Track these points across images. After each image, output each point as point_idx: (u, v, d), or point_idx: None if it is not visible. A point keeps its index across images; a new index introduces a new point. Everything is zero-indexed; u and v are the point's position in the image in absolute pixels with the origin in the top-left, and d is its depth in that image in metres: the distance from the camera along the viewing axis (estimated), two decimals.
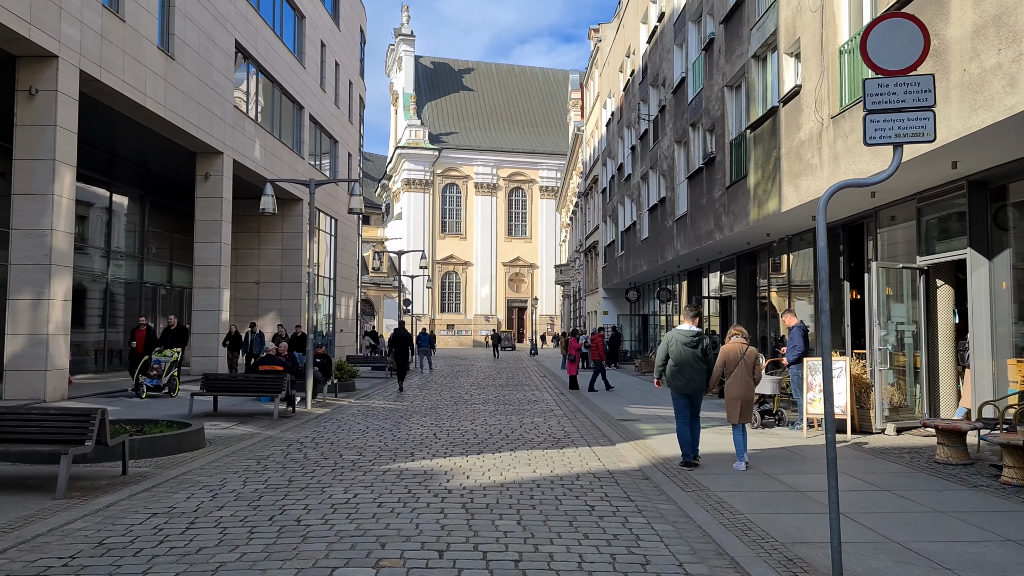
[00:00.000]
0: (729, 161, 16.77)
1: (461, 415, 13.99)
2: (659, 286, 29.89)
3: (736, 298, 20.61)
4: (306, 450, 9.73)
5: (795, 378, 11.75)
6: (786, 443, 10.38)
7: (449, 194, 78.68)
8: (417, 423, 12.70)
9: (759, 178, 14.64)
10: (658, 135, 24.19)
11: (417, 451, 9.70)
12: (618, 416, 13.90)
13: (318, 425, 12.35)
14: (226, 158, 23.56)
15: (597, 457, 9.39)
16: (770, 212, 14.07)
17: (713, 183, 17.85)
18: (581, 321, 46.04)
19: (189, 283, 23.84)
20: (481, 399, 17.40)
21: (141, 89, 18.33)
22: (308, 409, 14.82)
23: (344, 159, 38.46)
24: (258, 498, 6.90)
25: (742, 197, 15.70)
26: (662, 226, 23.39)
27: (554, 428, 12.23)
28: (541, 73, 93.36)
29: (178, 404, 14.39)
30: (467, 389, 20.46)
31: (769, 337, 18.57)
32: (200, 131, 21.70)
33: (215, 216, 23.37)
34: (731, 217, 16.43)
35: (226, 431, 11.51)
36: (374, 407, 15.49)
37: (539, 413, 14.49)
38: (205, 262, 23.34)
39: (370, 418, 13.43)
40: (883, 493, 7.27)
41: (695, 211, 19.49)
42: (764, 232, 16.11)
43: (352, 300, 40.80)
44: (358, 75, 42.37)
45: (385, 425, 12.38)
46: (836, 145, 11.30)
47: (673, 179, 22.09)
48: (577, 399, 17.42)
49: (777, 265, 17.94)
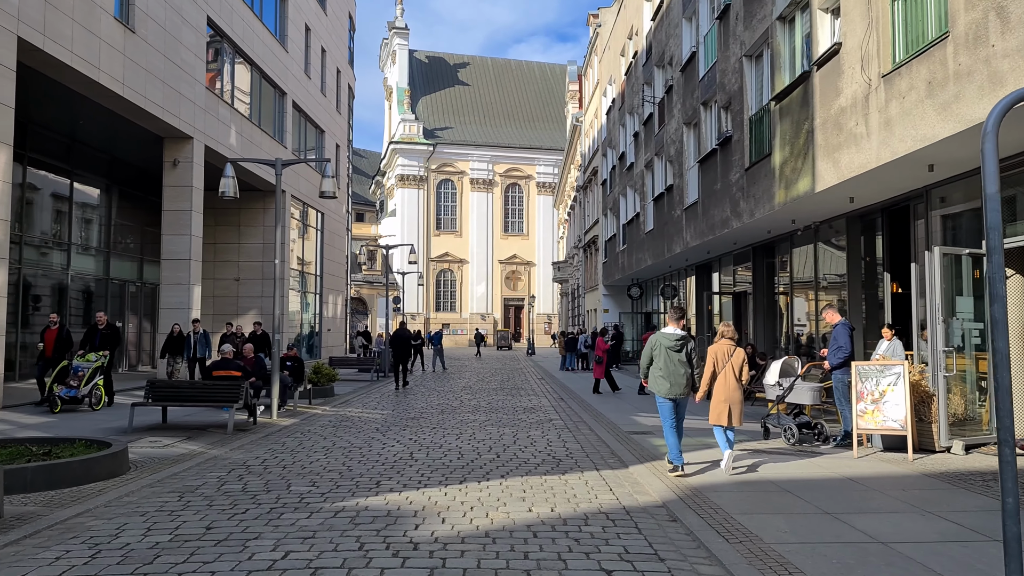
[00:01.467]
0: (748, 140, 14.97)
1: (446, 427, 12.17)
2: (663, 282, 28.10)
3: (752, 294, 18.81)
4: (248, 478, 7.89)
5: (840, 385, 9.95)
6: (837, 467, 8.57)
7: (444, 190, 76.78)
8: (393, 438, 10.87)
9: (786, 155, 12.84)
10: (664, 118, 22.38)
11: (385, 479, 7.87)
12: (627, 427, 12.08)
13: (276, 441, 10.52)
14: (196, 143, 21.71)
15: (608, 486, 7.57)
16: (800, 193, 12.26)
17: (729, 165, 16.05)
18: (580, 320, 44.20)
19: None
20: (471, 406, 15.58)
21: (94, 63, 16.46)
22: (273, 420, 12.99)
23: (331, 150, 36.58)
24: (151, 559, 5.06)
25: (764, 179, 13.90)
26: (669, 216, 21.59)
27: (554, 444, 10.42)
28: (538, 68, 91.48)
29: (116, 417, 12.53)
30: (457, 394, 18.64)
31: (791, 335, 16.76)
32: (166, 113, 19.85)
33: (184, 206, 21.54)
34: (751, 202, 14.63)
35: (164, 450, 9.68)
36: (349, 417, 13.66)
37: (536, 423, 12.68)
38: (173, 256, 21.50)
39: (341, 431, 11.60)
40: (994, 545, 5.45)
41: (707, 198, 17.68)
42: (789, 218, 14.30)
43: (341, 298, 38.95)
44: (347, 63, 40.50)
45: (355, 441, 10.55)
46: (889, 108, 9.49)
47: (682, 164, 20.29)
48: (579, 406, 15.61)
49: (801, 257, 16.14)
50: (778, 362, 10.59)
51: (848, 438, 9.80)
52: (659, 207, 23.05)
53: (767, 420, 10.67)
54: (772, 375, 10.49)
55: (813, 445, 9.97)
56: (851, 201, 12.16)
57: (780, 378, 10.42)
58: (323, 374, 17.82)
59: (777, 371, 10.45)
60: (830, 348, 10.13)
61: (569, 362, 29.72)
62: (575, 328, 40.25)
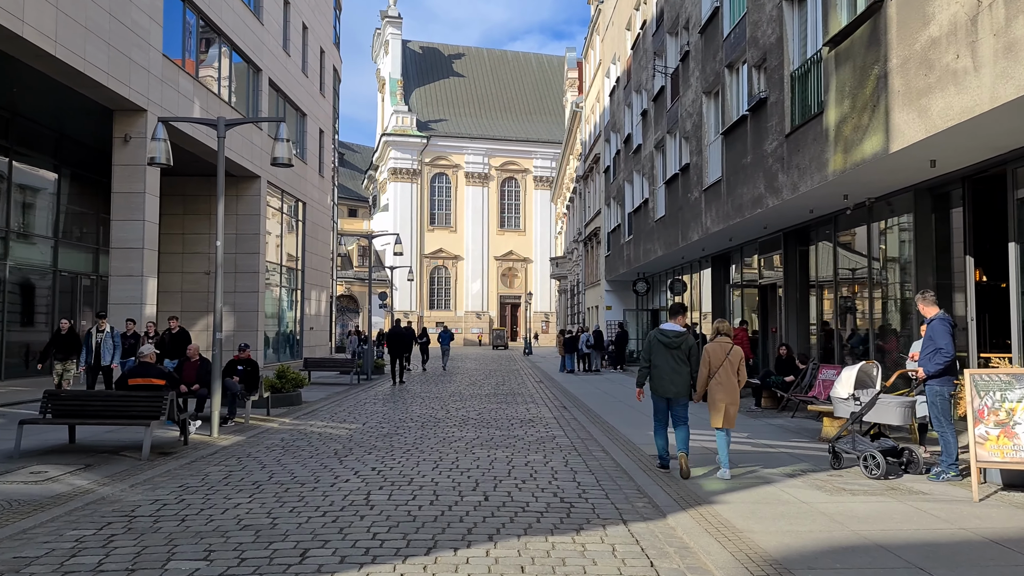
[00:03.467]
0: (790, 100, 12.54)
1: (424, 448, 9.71)
2: (673, 275, 25.67)
3: (783, 286, 16.38)
4: (119, 542, 5.42)
5: (938, 400, 7.51)
6: (961, 519, 6.12)
7: (438, 184, 74.24)
8: (352, 466, 8.40)
9: (845, 111, 10.40)
10: (678, 90, 19.93)
11: (317, 546, 5.39)
12: (650, 448, 9.64)
13: (199, 472, 8.05)
14: (151, 116, 19.17)
15: (645, 555, 5.14)
16: (866, 156, 9.82)
17: (763, 134, 13.62)
18: (580, 318, 41.75)
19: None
20: (459, 418, 13.12)
21: (17, 14, 13.95)
22: (212, 437, 10.53)
23: (314, 136, 34.07)
24: None
25: (812, 144, 11.46)
26: (684, 200, 19.15)
27: (560, 475, 7.97)
28: (535, 59, 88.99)
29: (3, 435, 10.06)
30: (444, 401, 16.18)
31: (838, 334, 14.33)
32: (112, 79, 17.34)
33: (137, 188, 19.01)
34: (793, 174, 12.19)
35: (41, 486, 7.21)
36: (308, 433, 11.19)
37: (536, 443, 10.23)
38: (123, 244, 18.99)
39: (289, 455, 9.14)
40: None
41: (733, 175, 15.25)
42: (841, 193, 11.86)
43: (325, 295, 36.44)
44: (331, 44, 37.97)
45: (301, 472, 8.08)
46: (1013, 28, 7.06)
47: (700, 140, 17.85)
48: (587, 417, 13.15)
49: (849, 241, 13.72)
50: (851, 369, 8.17)
51: (951, 470, 7.39)
52: (672, 191, 20.61)
53: (837, 444, 8.23)
54: (844, 386, 8.06)
55: (902, 480, 7.54)
56: (932, 166, 9.71)
57: (855, 390, 8.00)
58: (288, 379, 15.34)
59: (851, 381, 8.02)
60: (923, 350, 7.68)
61: (569, 363, 27.27)
62: (575, 326, 37.80)
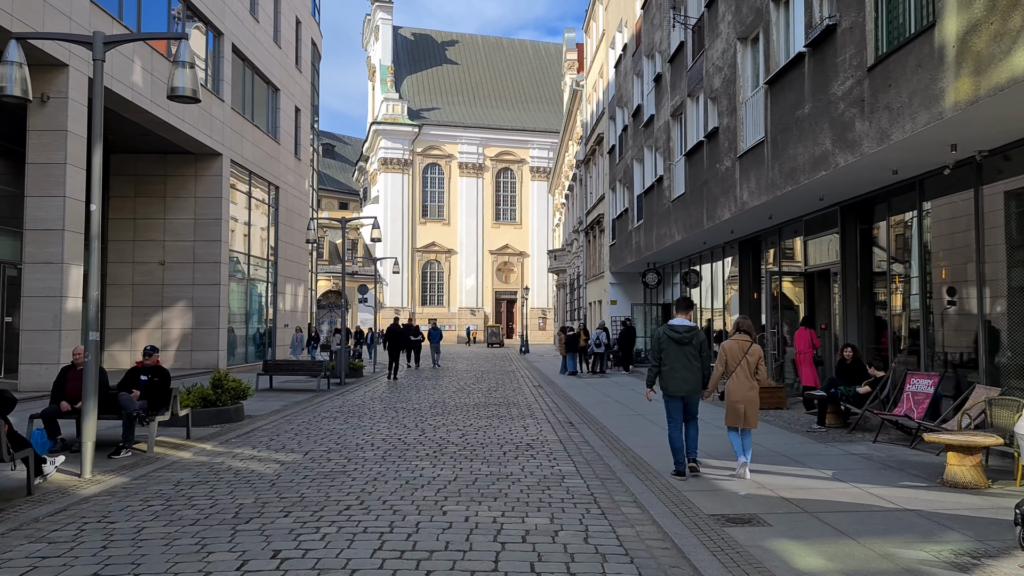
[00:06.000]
0: (875, 21, 9.44)
1: (370, 504, 6.60)
2: (689, 265, 22.60)
3: (840, 273, 13.30)
4: None
5: None
6: None
7: (430, 175, 71.01)
8: (240, 548, 5.28)
9: (978, 14, 7.32)
10: (703, 43, 16.83)
11: None
12: (711, 505, 6.54)
13: (7, 548, 4.95)
14: (73, 72, 16.08)
15: None
16: (1016, 75, 6.73)
17: (830, 72, 10.53)
18: (581, 313, 38.65)
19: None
20: (435, 441, 10.02)
21: None
22: (82, 478, 7.44)
23: (288, 113, 30.89)
24: None
25: (916, 72, 8.38)
26: (712, 172, 16.07)
27: (579, 556, 4.89)
28: (531, 46, 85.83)
29: None
30: (422, 414, 13.08)
31: (928, 333, 11.25)
32: (16, 22, 14.25)
33: (56, 158, 15.94)
34: (881, 118, 9.10)
35: None
36: (222, 470, 8.08)
37: (539, 490, 7.14)
38: (40, 224, 15.91)
39: (165, 517, 6.03)
40: None
41: (783, 132, 12.17)
42: (949, 142, 8.78)
43: (302, 288, 33.30)
44: (309, 14, 34.80)
45: (158, 561, 4.98)
46: None
47: (733, 98, 14.76)
48: (603, 440, 10.02)
49: (943, 213, 10.63)
50: None
51: None
52: (694, 163, 17.52)
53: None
54: None
55: None
56: None
57: None
58: (225, 390, 12.23)
59: None
60: None
61: (571, 364, 24.18)
62: (576, 323, 34.70)
